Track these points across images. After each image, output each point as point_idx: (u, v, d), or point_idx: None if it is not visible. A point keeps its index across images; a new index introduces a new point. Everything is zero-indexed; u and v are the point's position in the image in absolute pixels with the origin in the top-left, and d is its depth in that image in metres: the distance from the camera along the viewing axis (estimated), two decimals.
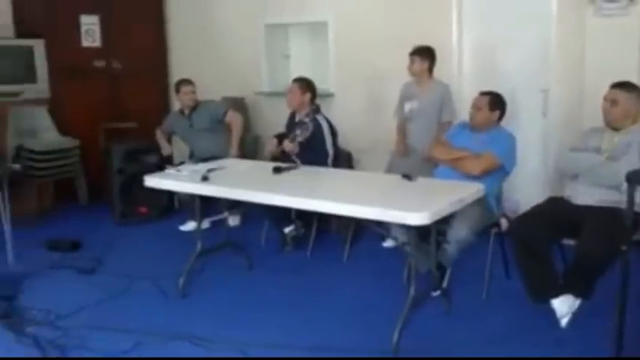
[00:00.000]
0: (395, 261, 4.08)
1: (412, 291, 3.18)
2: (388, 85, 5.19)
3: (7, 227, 4.29)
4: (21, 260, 4.32)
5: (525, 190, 4.74)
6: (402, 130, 4.85)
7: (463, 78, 5.12)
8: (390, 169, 4.63)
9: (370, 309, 3.59)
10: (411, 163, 4.50)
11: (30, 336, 3.22)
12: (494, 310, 3.55)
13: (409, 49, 4.65)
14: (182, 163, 5.44)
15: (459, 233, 3.49)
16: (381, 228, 3.72)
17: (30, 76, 5.77)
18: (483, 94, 3.89)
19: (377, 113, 5.49)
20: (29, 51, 5.76)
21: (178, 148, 6.01)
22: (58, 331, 3.27)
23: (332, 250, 4.56)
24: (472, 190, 3.34)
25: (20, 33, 6.04)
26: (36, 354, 3.06)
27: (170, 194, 5.48)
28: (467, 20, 5.07)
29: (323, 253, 4.54)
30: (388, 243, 4.52)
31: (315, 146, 4.52)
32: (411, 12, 5.24)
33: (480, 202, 3.48)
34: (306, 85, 4.68)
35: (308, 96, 4.66)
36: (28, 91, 5.77)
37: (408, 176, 3.52)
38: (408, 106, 4.74)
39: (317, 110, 4.69)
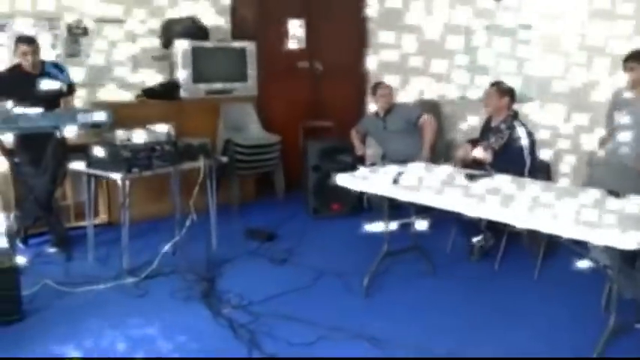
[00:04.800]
0: (592, 284, 3.75)
1: (612, 320, 2.90)
2: (594, 91, 4.80)
3: (212, 215, 4.69)
4: (223, 246, 4.71)
5: None
6: (606, 142, 4.46)
7: None
8: (590, 183, 4.26)
9: (559, 334, 3.34)
10: (617, 177, 4.10)
11: (225, 317, 3.49)
12: None
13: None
14: (373, 164, 5.55)
15: None
16: (578, 247, 3.45)
17: (241, 76, 6.24)
18: None
19: (580, 122, 5.11)
20: (242, 52, 6.23)
21: (371, 149, 6.12)
22: (250, 316, 3.49)
23: (521, 265, 4.32)
24: None
25: (235, 35, 6.57)
26: (229, 335, 3.30)
27: (360, 193, 5.59)
28: None
29: (511, 267, 4.33)
30: (585, 263, 4.18)
31: (510, 155, 4.32)
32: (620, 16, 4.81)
33: None
34: (503, 89, 4.50)
35: (505, 100, 4.48)
36: (239, 89, 6.25)
37: (614, 192, 3.23)
38: (618, 116, 4.34)
39: (515, 116, 4.48)
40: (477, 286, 4.05)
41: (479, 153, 4.31)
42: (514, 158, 4.32)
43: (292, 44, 6.63)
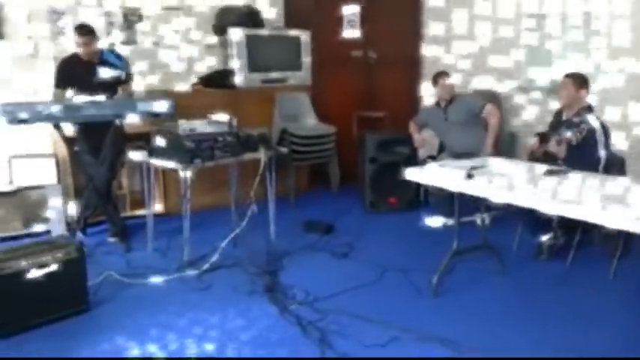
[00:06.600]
0: None
1: None
2: None
3: (271, 206, 4.61)
4: (281, 238, 4.62)
5: None
6: None
7: None
8: None
9: (637, 337, 3.16)
10: None
11: (292, 314, 3.39)
12: None
13: None
14: (432, 157, 5.39)
15: None
16: None
17: (296, 65, 6.12)
18: None
19: None
20: (297, 41, 6.11)
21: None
22: (317, 313, 3.39)
23: (594, 265, 4.13)
24: None
25: (289, 24, 6.45)
26: (298, 332, 3.20)
27: (418, 187, 5.45)
28: None
29: (584, 267, 4.14)
30: None
31: (585, 150, 4.10)
32: None
33: None
34: (580, 80, 4.28)
35: (582, 93, 4.26)
36: (293, 78, 6.14)
37: None
38: None
39: (589, 109, 4.27)
40: (550, 287, 3.87)
41: (553, 147, 4.11)
42: (588, 154, 4.10)
43: (346, 33, 6.48)
